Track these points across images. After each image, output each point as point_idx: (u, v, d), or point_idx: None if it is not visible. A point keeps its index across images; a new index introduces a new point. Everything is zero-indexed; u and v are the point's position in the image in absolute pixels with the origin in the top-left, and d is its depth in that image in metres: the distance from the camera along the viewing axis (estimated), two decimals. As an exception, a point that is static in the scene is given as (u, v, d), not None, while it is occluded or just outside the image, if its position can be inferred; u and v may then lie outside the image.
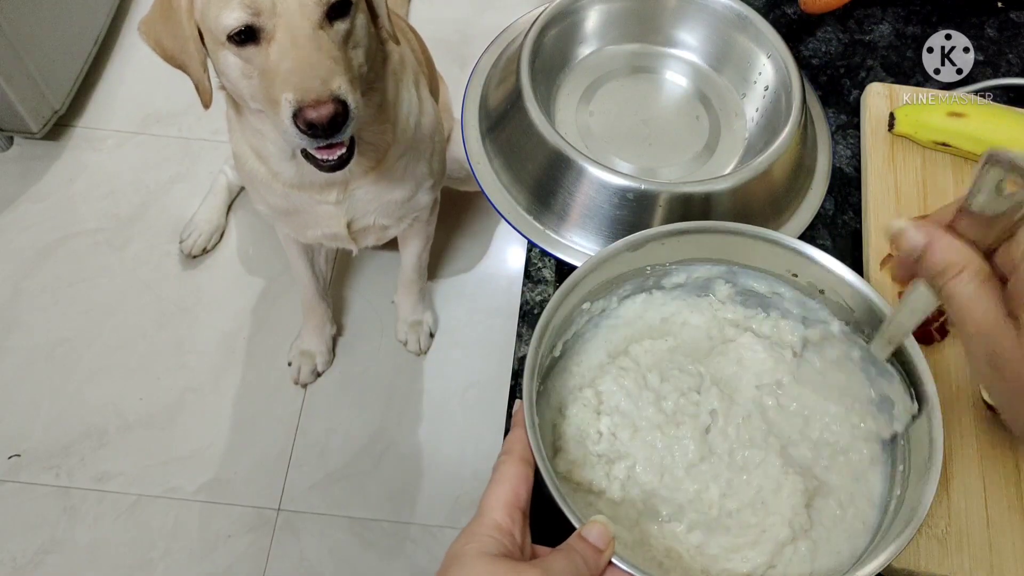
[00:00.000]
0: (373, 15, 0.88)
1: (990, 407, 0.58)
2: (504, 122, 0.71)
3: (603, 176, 0.64)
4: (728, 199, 0.65)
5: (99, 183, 1.68)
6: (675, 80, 0.78)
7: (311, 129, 0.77)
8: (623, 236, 0.63)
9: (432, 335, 1.52)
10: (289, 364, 1.48)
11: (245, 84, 0.82)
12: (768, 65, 0.73)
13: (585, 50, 0.78)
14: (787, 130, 0.66)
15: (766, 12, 0.85)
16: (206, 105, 0.88)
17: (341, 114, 0.77)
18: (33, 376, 1.46)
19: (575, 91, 0.76)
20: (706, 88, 0.77)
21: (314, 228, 1.11)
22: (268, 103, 0.80)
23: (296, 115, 0.77)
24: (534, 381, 0.51)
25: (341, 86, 0.77)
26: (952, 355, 0.62)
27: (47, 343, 1.49)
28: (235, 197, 1.64)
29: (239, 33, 0.77)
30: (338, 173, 0.90)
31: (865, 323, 0.55)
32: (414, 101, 1.02)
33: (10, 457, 1.38)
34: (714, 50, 0.78)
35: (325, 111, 0.76)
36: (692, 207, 0.65)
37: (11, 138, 1.69)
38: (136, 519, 1.34)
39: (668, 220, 0.65)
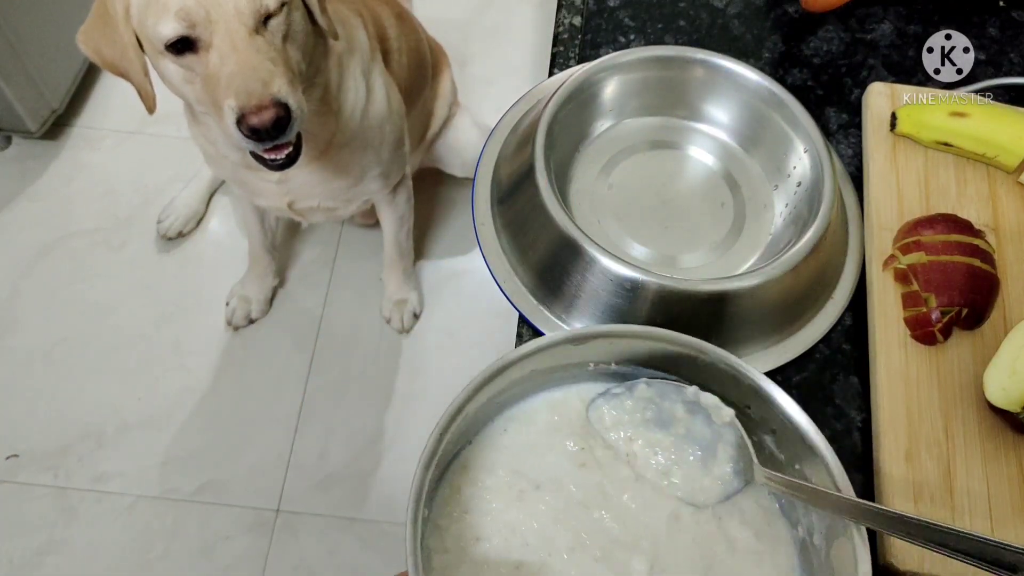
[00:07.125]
0: (309, 11, 0.88)
1: (994, 408, 0.58)
2: (514, 196, 0.69)
3: (609, 265, 0.61)
4: (741, 300, 0.62)
5: (97, 183, 1.67)
6: (701, 158, 0.74)
7: (255, 134, 0.79)
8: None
9: (416, 315, 1.52)
10: (227, 304, 1.51)
11: (189, 89, 0.83)
12: (805, 159, 0.69)
13: (608, 121, 0.75)
14: (808, 236, 0.62)
15: (768, 10, 0.85)
16: (150, 110, 0.89)
17: (284, 117, 0.79)
18: (31, 376, 1.46)
19: (596, 162, 0.73)
20: (735, 170, 0.73)
21: (258, 199, 1.15)
22: (213, 107, 0.81)
23: (240, 121, 0.78)
24: (428, 472, 0.46)
25: (281, 89, 0.79)
26: (955, 356, 0.62)
27: (45, 343, 1.49)
28: (219, 185, 1.65)
29: (176, 43, 0.78)
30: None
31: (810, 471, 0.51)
32: (361, 90, 1.02)
33: (8, 458, 1.38)
34: (745, 129, 0.73)
35: (268, 116, 0.78)
36: (699, 306, 0.62)
37: (9, 137, 1.68)
38: (134, 520, 1.34)
39: (671, 314, 0.61)
